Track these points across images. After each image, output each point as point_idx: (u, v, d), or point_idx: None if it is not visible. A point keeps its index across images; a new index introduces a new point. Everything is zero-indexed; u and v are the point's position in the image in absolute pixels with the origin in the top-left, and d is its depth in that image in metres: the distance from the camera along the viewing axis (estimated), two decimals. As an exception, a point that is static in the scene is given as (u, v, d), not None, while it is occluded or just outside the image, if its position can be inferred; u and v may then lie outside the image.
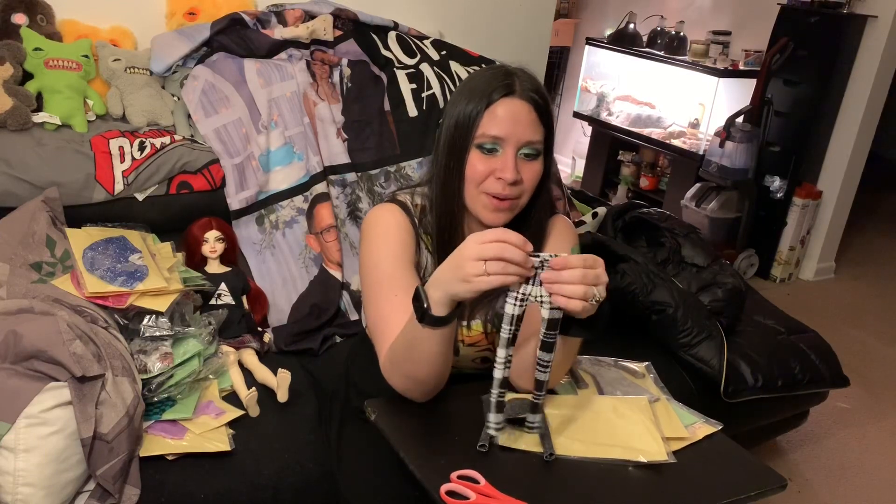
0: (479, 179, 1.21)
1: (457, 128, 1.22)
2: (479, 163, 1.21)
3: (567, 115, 4.83)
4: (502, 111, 1.19)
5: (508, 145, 1.19)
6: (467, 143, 1.21)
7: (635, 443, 1.14)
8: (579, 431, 1.16)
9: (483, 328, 1.33)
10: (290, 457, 1.48)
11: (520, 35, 2.81)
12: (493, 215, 1.23)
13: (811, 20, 3.45)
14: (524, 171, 1.21)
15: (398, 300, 1.19)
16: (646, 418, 1.20)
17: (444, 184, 1.25)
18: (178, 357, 1.50)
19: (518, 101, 1.20)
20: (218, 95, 1.94)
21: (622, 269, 1.97)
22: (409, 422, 1.19)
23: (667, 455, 1.12)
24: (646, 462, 1.11)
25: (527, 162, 1.21)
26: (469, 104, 1.20)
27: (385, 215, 1.29)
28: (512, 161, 1.19)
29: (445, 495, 1.00)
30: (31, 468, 1.20)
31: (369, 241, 1.28)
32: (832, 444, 2.56)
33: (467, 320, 1.33)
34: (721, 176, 3.53)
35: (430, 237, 1.30)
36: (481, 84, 1.21)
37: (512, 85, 1.20)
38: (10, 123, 1.75)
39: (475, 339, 1.34)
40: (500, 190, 1.20)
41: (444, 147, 1.25)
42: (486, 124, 1.19)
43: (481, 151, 1.20)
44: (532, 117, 1.20)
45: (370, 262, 1.26)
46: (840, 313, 3.55)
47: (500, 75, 1.22)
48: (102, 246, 1.60)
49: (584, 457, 1.11)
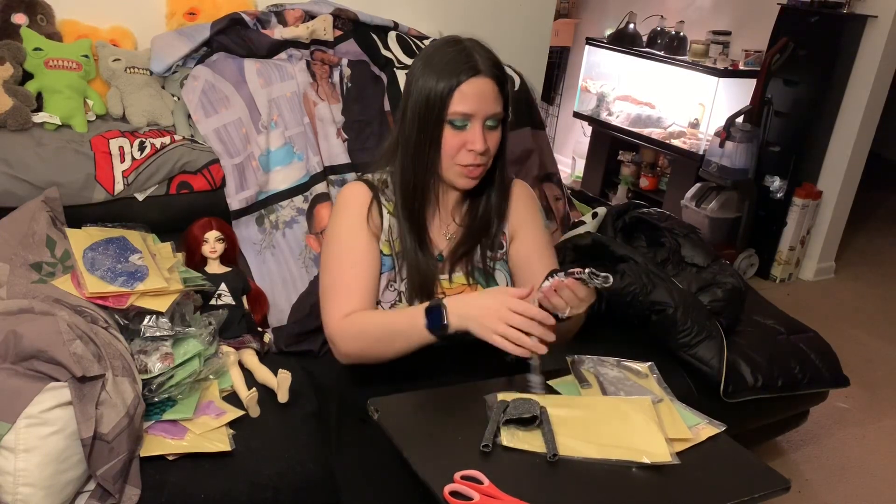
0: (452, 153, 1.34)
1: (427, 106, 1.32)
2: (452, 138, 1.33)
3: (567, 115, 4.83)
4: (470, 90, 1.31)
5: (476, 120, 1.32)
6: (441, 121, 1.32)
7: (639, 444, 1.14)
8: (583, 432, 1.16)
9: (465, 280, 1.45)
10: (290, 457, 1.48)
11: (520, 35, 2.81)
12: (466, 181, 1.39)
13: (811, 20, 3.45)
14: (489, 139, 1.35)
15: (354, 272, 1.38)
16: (649, 419, 1.19)
17: (415, 157, 1.37)
18: (179, 357, 1.50)
19: (483, 80, 1.32)
20: (218, 95, 1.94)
21: (622, 269, 1.97)
22: (412, 421, 1.19)
23: (670, 456, 1.12)
24: (649, 463, 1.11)
25: (490, 131, 1.35)
26: (439, 83, 1.31)
27: (349, 193, 1.45)
28: (480, 134, 1.33)
29: (449, 495, 1.00)
30: (31, 468, 1.20)
31: (334, 216, 1.46)
32: (832, 444, 2.56)
33: (449, 274, 1.45)
34: (721, 176, 3.53)
35: (393, 203, 1.43)
36: (447, 63, 1.32)
37: (476, 64, 1.31)
38: (10, 123, 1.75)
39: (458, 290, 1.44)
40: (473, 160, 1.35)
41: (412, 122, 1.35)
42: (457, 103, 1.31)
43: (452, 127, 1.33)
44: (495, 91, 1.33)
45: (332, 233, 1.44)
46: (840, 313, 3.55)
47: (461, 55, 1.32)
48: (103, 246, 1.60)
49: (588, 457, 1.11)
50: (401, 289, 1.42)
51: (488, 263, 1.47)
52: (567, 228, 2.35)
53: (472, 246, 1.45)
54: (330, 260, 1.42)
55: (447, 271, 1.45)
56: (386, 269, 1.42)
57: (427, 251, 1.42)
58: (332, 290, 1.39)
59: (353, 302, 1.37)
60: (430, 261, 1.42)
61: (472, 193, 1.46)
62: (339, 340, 1.36)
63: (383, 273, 1.42)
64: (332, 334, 1.37)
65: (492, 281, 1.47)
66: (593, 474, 1.09)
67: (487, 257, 1.47)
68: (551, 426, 1.14)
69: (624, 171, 4.44)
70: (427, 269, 1.41)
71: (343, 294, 1.37)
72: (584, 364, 1.39)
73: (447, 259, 1.45)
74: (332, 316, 1.37)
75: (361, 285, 1.38)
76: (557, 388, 1.31)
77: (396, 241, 1.42)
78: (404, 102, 1.38)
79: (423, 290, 1.41)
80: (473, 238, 1.46)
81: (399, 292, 1.42)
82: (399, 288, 1.42)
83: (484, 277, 1.46)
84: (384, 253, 1.42)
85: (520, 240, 1.51)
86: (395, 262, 1.42)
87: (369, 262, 1.40)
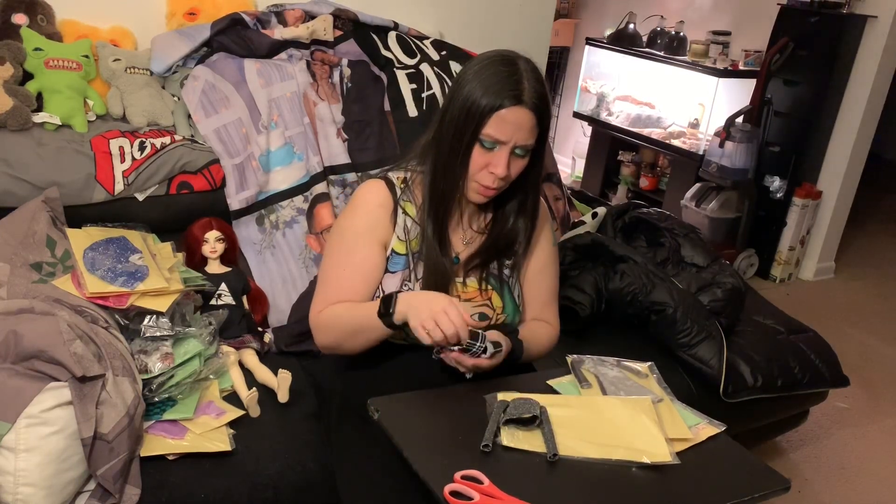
0: (475, 170, 1.34)
1: (467, 117, 1.31)
2: (479, 156, 1.33)
3: (567, 115, 4.83)
4: (508, 117, 1.29)
5: (506, 146, 1.31)
6: (475, 136, 1.31)
7: (639, 444, 1.14)
8: (583, 432, 1.16)
9: (478, 285, 1.46)
10: (290, 457, 1.48)
11: (520, 35, 2.81)
12: (478, 197, 1.39)
13: (811, 20, 3.45)
14: (513, 166, 1.34)
15: (345, 273, 1.40)
16: (649, 419, 1.20)
17: (447, 162, 1.36)
18: (179, 357, 1.50)
19: (524, 111, 1.29)
20: (218, 95, 1.94)
21: (622, 270, 1.97)
22: (412, 421, 1.19)
23: (670, 456, 1.12)
24: (650, 463, 1.11)
25: (516, 159, 1.34)
26: (482, 98, 1.29)
27: (366, 193, 1.45)
28: (505, 160, 1.32)
29: (449, 495, 1.00)
30: (31, 468, 1.20)
31: (346, 211, 1.47)
32: (832, 444, 2.56)
33: (463, 278, 1.46)
34: (721, 176, 3.53)
35: (414, 205, 1.44)
36: (496, 83, 1.29)
37: (521, 95, 1.29)
38: (10, 123, 1.75)
39: (471, 296, 1.46)
40: (490, 183, 1.34)
41: (450, 129, 1.34)
42: (492, 126, 1.29)
43: (482, 146, 1.32)
44: (532, 124, 1.31)
45: (338, 228, 1.47)
46: (840, 313, 3.55)
47: (512, 78, 1.30)
48: (103, 246, 1.60)
49: (588, 457, 1.11)
50: (415, 289, 1.41)
51: (504, 272, 1.48)
52: (567, 228, 2.35)
53: (490, 259, 1.47)
54: (330, 253, 1.46)
55: (462, 275, 1.46)
56: (399, 267, 1.42)
57: (446, 253, 1.43)
58: (322, 284, 1.44)
59: (335, 299, 1.40)
60: (447, 263, 1.42)
61: (496, 206, 1.47)
62: (316, 332, 1.43)
63: (396, 272, 1.42)
64: (311, 326, 1.43)
65: (506, 288, 1.48)
66: (593, 475, 1.09)
67: (504, 266, 1.48)
68: (551, 426, 1.14)
69: (624, 171, 4.44)
70: (444, 270, 1.41)
71: (331, 290, 1.41)
72: (584, 364, 1.39)
73: (462, 263, 1.46)
74: (314, 308, 1.43)
75: (350, 287, 1.40)
76: (557, 388, 1.31)
77: (413, 241, 1.42)
78: (447, 103, 1.37)
79: (437, 290, 1.39)
80: (494, 253, 1.47)
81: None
82: (413, 287, 1.41)
83: (499, 284, 1.47)
84: (398, 252, 1.42)
85: (534, 255, 1.53)
86: (411, 261, 1.42)
87: (366, 268, 1.40)
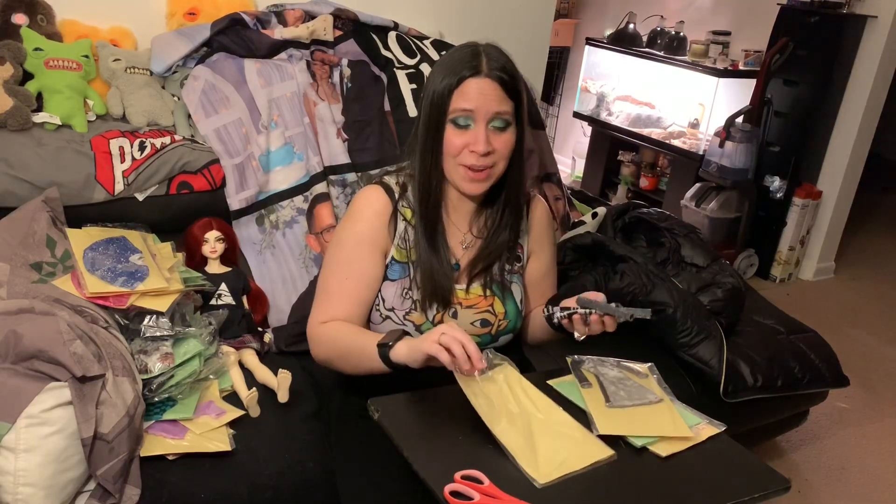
0: (454, 153, 1.33)
1: (432, 105, 1.32)
2: (454, 137, 1.32)
3: (567, 115, 4.83)
4: (470, 88, 1.29)
5: (479, 119, 1.30)
6: (443, 120, 1.32)
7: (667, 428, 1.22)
8: (615, 416, 1.23)
9: (482, 291, 1.45)
10: (290, 457, 1.48)
11: (520, 35, 2.81)
12: (471, 185, 1.35)
13: (811, 20, 3.45)
14: (495, 141, 1.32)
15: (347, 284, 1.39)
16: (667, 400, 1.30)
17: (422, 158, 1.36)
18: (179, 357, 1.50)
19: (484, 80, 1.30)
20: (218, 95, 1.94)
21: (622, 270, 1.97)
22: (412, 421, 1.19)
23: (691, 431, 1.21)
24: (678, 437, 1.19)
25: (498, 133, 1.32)
26: (442, 80, 1.31)
27: (364, 200, 1.43)
28: (483, 134, 1.30)
29: (449, 495, 1.00)
30: (31, 468, 1.20)
31: (345, 219, 1.45)
32: (832, 444, 2.56)
33: (466, 285, 1.44)
34: (721, 176, 3.53)
35: (412, 210, 1.42)
36: (452, 64, 1.32)
37: (479, 65, 1.30)
38: (10, 123, 1.75)
39: (474, 302, 1.44)
40: (475, 161, 1.32)
41: (422, 124, 1.36)
42: (457, 100, 1.30)
43: (455, 126, 1.31)
44: (498, 92, 1.30)
45: (338, 238, 1.45)
46: (840, 313, 3.55)
47: (468, 55, 1.32)
48: (103, 246, 1.60)
49: (626, 435, 1.18)
50: (416, 297, 1.40)
51: (506, 277, 1.47)
52: (567, 228, 2.35)
53: (491, 263, 1.45)
54: (329, 262, 1.44)
55: (464, 281, 1.44)
56: (399, 276, 1.41)
57: (441, 258, 1.40)
58: (322, 293, 1.43)
59: (337, 310, 1.40)
60: (444, 268, 1.40)
61: (486, 203, 1.45)
62: (312, 343, 1.42)
63: (396, 280, 1.41)
64: (309, 335, 1.43)
65: (508, 294, 1.47)
66: (593, 474, 1.09)
67: (506, 271, 1.47)
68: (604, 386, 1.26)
69: (624, 171, 4.44)
70: (441, 276, 1.39)
71: (331, 300, 1.41)
72: (584, 364, 1.39)
73: (464, 270, 1.45)
74: (314, 318, 1.42)
75: (350, 297, 1.40)
76: (558, 388, 1.31)
77: (412, 249, 1.41)
78: (421, 102, 1.38)
79: (436, 298, 1.39)
80: (492, 256, 1.45)
81: (414, 301, 1.40)
82: (415, 297, 1.40)
83: (501, 290, 1.46)
84: (397, 260, 1.41)
85: (537, 259, 1.54)
86: (410, 268, 1.41)
87: (366, 279, 1.40)
